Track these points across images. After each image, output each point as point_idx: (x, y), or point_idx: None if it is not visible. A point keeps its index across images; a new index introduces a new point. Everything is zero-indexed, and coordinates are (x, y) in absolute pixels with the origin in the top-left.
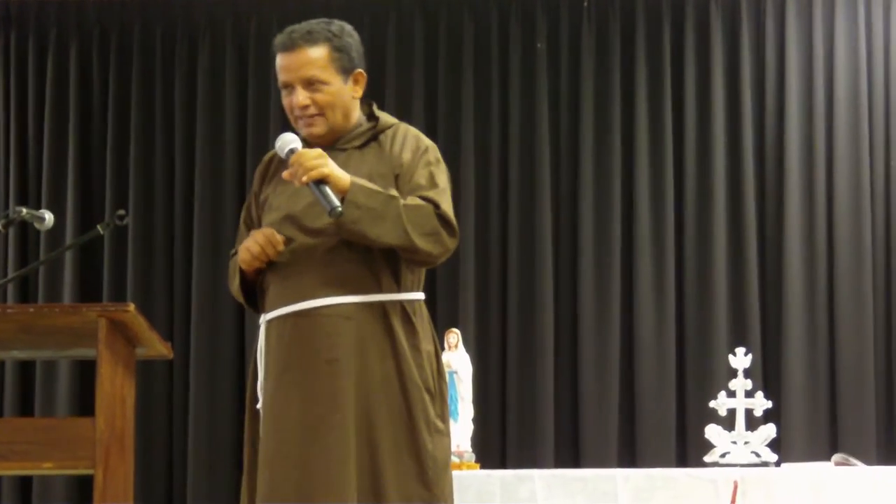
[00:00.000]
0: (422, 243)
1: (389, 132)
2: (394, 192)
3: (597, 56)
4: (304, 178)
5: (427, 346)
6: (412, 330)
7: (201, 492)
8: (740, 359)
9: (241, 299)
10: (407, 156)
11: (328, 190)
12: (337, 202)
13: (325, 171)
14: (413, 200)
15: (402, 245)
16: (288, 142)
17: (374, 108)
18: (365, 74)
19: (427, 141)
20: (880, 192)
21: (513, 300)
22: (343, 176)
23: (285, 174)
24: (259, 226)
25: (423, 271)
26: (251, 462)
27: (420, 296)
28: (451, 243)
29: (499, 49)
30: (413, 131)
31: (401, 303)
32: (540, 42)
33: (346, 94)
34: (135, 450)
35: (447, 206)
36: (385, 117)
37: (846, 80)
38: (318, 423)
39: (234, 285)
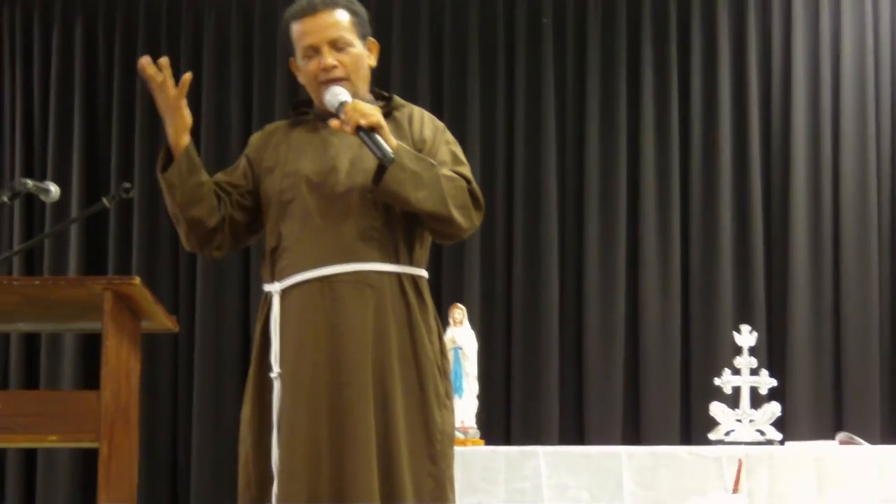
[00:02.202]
0: (457, 214)
1: (405, 111)
2: (433, 161)
3: (603, 30)
4: (363, 122)
5: (434, 323)
6: (424, 305)
7: (206, 465)
8: (745, 336)
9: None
10: (428, 133)
11: (379, 138)
12: (389, 149)
13: (382, 121)
14: (448, 173)
15: (438, 213)
16: (338, 93)
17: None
18: (377, 43)
19: (439, 121)
20: (886, 171)
21: (518, 277)
22: (391, 136)
23: (334, 122)
24: (248, 183)
25: (428, 250)
26: (260, 426)
27: (426, 274)
28: (478, 220)
29: (504, 24)
30: (427, 113)
31: (413, 276)
32: (546, 17)
33: (366, 60)
34: (139, 423)
35: (475, 184)
36: (396, 97)
37: (853, 65)
38: (345, 391)
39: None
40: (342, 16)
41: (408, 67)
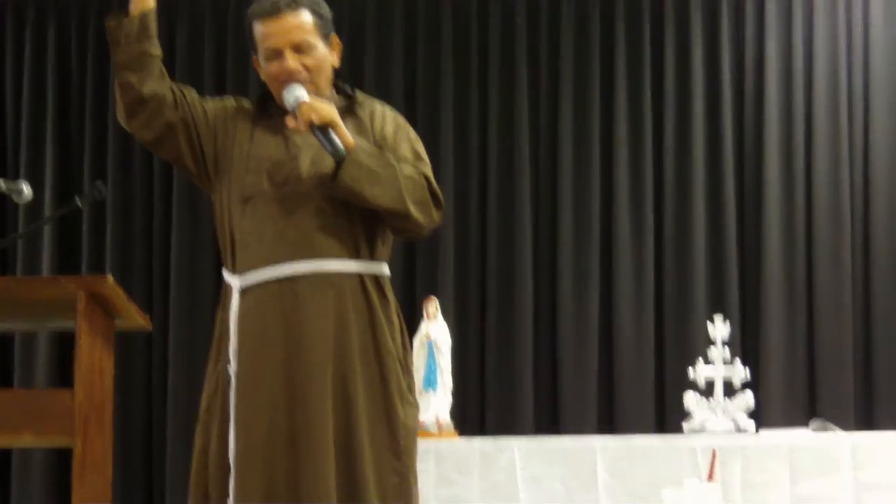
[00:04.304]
0: (414, 211)
1: (367, 107)
2: (391, 158)
3: (576, 29)
4: (316, 120)
5: (397, 319)
6: (386, 301)
7: (181, 463)
8: (719, 326)
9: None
10: (389, 130)
11: (332, 134)
12: (341, 145)
13: (337, 118)
14: (407, 169)
15: (395, 209)
16: (295, 92)
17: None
18: (340, 42)
19: (402, 118)
20: (859, 160)
21: (491, 269)
22: (347, 133)
23: (289, 121)
24: (205, 121)
25: (391, 246)
26: (221, 416)
27: (388, 271)
28: (438, 217)
29: (478, 21)
30: (389, 108)
31: (374, 274)
32: (519, 16)
33: (328, 61)
34: (113, 421)
35: (434, 182)
36: (359, 93)
37: (825, 66)
38: (302, 390)
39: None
40: (306, 17)
41: (381, 65)
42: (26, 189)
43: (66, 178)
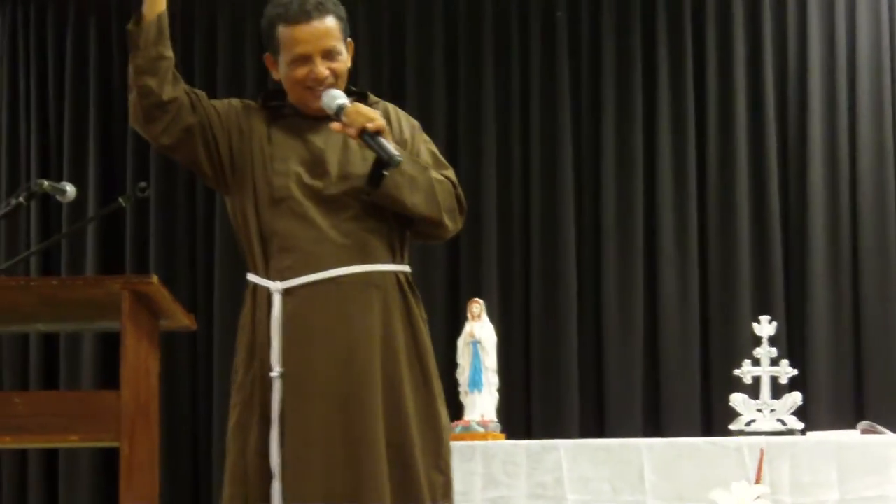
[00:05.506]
0: (447, 218)
1: (379, 107)
2: (426, 164)
3: (617, 23)
4: (370, 126)
5: (426, 318)
6: (418, 300)
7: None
8: (765, 326)
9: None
10: (407, 133)
11: (384, 141)
12: (396, 153)
13: (385, 124)
14: (437, 175)
15: (431, 216)
16: (336, 96)
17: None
18: (352, 43)
19: (414, 119)
20: None
21: (536, 269)
22: (391, 139)
23: (336, 126)
24: (219, 121)
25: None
26: (262, 423)
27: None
28: (461, 222)
29: (518, 18)
30: (400, 110)
31: (406, 274)
32: (560, 10)
33: (348, 63)
34: (160, 422)
35: (459, 187)
36: (370, 94)
37: (868, 56)
38: (359, 392)
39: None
40: (332, 22)
41: (423, 65)
42: (70, 189)
43: (110, 178)
